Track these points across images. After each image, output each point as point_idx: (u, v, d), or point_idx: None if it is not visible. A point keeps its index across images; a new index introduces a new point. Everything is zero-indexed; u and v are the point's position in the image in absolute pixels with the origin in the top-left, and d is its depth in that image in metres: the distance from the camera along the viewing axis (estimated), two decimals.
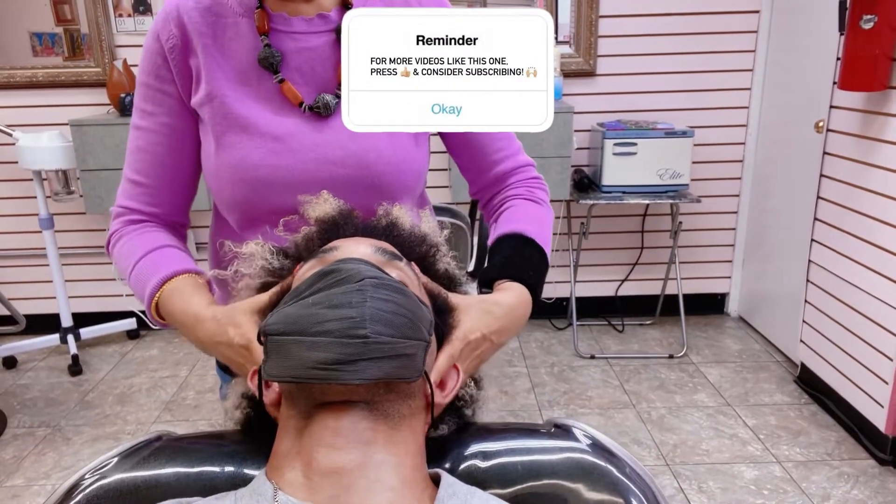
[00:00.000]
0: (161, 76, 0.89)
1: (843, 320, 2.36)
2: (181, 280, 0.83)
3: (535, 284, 0.86)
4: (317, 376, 0.57)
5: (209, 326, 0.76)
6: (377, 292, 0.60)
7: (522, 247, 0.90)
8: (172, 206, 0.95)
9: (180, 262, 0.86)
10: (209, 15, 0.89)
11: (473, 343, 0.74)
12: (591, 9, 2.88)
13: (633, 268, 3.26)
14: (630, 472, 0.71)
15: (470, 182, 1.04)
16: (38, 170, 2.74)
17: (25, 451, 2.34)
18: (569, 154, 2.71)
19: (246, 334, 0.72)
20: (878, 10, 2.04)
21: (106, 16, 2.87)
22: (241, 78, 0.89)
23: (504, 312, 0.79)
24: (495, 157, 0.99)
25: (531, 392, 2.66)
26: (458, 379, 0.71)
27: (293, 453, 0.60)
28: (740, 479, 2.11)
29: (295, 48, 0.90)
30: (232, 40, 0.89)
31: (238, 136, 0.88)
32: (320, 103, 0.89)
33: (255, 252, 0.77)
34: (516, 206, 0.97)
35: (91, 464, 0.72)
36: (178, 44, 0.88)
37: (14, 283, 3.16)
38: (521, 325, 0.82)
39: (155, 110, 0.90)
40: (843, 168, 2.36)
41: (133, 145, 0.92)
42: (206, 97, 0.88)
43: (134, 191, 0.93)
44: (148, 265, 0.86)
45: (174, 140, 0.91)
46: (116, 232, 0.93)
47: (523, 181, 1.00)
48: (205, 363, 2.95)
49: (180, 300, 0.81)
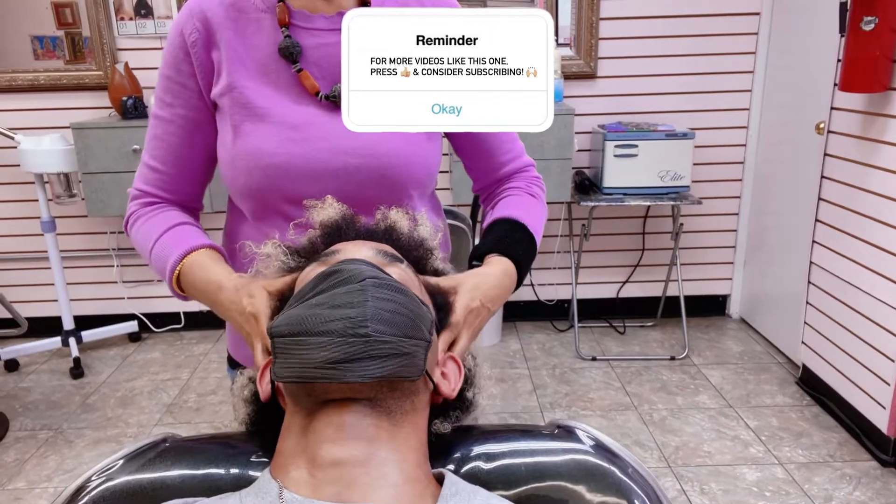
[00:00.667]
0: (181, 70, 0.92)
1: (845, 321, 2.36)
2: (202, 253, 0.88)
3: (522, 262, 0.91)
4: (321, 375, 0.58)
5: (230, 293, 0.81)
6: (378, 292, 0.61)
7: (513, 230, 0.94)
8: (186, 192, 0.99)
9: (199, 237, 0.91)
10: (232, 10, 0.92)
11: (475, 311, 0.78)
12: (592, 11, 2.88)
13: (634, 269, 3.26)
14: (633, 473, 0.72)
15: (475, 180, 1.08)
16: (40, 173, 2.75)
17: (27, 454, 2.35)
18: (570, 156, 2.72)
19: (256, 305, 0.75)
20: (878, 11, 2.04)
21: (107, 19, 2.88)
22: (261, 69, 0.92)
23: (495, 282, 0.84)
24: (503, 159, 1.03)
25: (533, 394, 2.66)
26: (460, 372, 0.72)
27: (297, 451, 0.61)
28: (742, 480, 2.11)
29: (314, 44, 0.92)
30: (254, 34, 0.92)
31: (255, 125, 0.90)
32: (336, 92, 0.91)
33: (272, 253, 0.79)
34: (513, 195, 1.02)
35: (97, 466, 0.73)
36: (200, 38, 0.91)
37: (16, 286, 3.17)
38: (509, 294, 0.88)
39: (173, 102, 0.94)
40: (843, 169, 2.35)
41: (151, 133, 0.96)
42: (226, 87, 0.91)
43: (150, 176, 0.97)
44: (168, 241, 0.90)
45: (189, 132, 0.95)
46: (134, 213, 0.97)
47: (523, 177, 1.05)
48: (206, 366, 2.95)
49: (202, 270, 0.86)
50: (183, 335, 3.26)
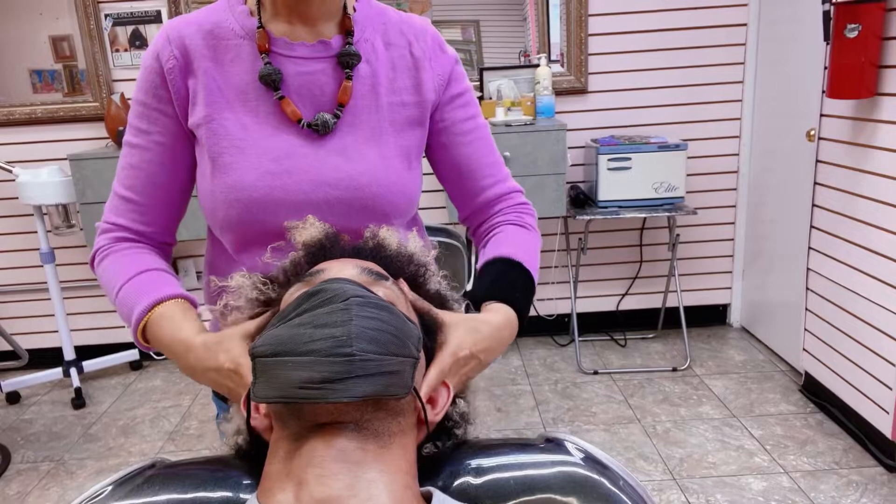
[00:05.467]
0: (158, 95, 0.90)
1: (845, 327, 2.35)
2: (170, 305, 0.83)
3: (521, 307, 0.87)
4: (305, 396, 0.57)
5: (199, 353, 0.76)
6: (362, 310, 0.60)
7: (509, 270, 0.91)
8: (161, 224, 0.95)
9: (169, 286, 0.86)
10: (210, 38, 0.90)
11: (462, 360, 0.75)
12: (581, 28, 2.91)
13: (633, 282, 3.26)
14: (623, 485, 0.71)
15: (459, 208, 1.05)
16: (39, 205, 2.76)
17: (30, 486, 2.33)
18: (563, 171, 2.72)
19: (235, 358, 0.72)
20: (861, 18, 2.05)
21: (103, 51, 2.91)
22: (240, 98, 0.89)
23: (491, 332, 0.80)
24: (483, 183, 1.00)
25: (535, 410, 2.65)
26: (448, 395, 0.71)
27: (283, 475, 0.60)
28: (748, 491, 2.09)
29: (295, 71, 0.90)
30: (233, 62, 0.90)
31: (234, 157, 0.88)
32: (319, 121, 0.89)
33: (243, 284, 0.77)
34: (504, 231, 0.98)
35: (85, 493, 0.71)
36: (177, 65, 0.89)
37: (16, 319, 3.17)
38: (506, 346, 0.83)
39: (150, 128, 0.91)
40: (836, 175, 2.36)
41: (125, 162, 0.92)
42: (203, 118, 0.89)
43: (123, 207, 0.93)
44: (136, 287, 0.85)
45: (167, 159, 0.92)
46: (103, 248, 0.92)
47: (511, 207, 1.01)
48: (207, 392, 2.94)
49: (170, 326, 0.81)
50: None
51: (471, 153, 0.99)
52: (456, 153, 0.99)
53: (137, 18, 2.90)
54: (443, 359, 0.72)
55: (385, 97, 0.93)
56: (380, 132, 0.93)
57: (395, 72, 0.95)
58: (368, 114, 0.92)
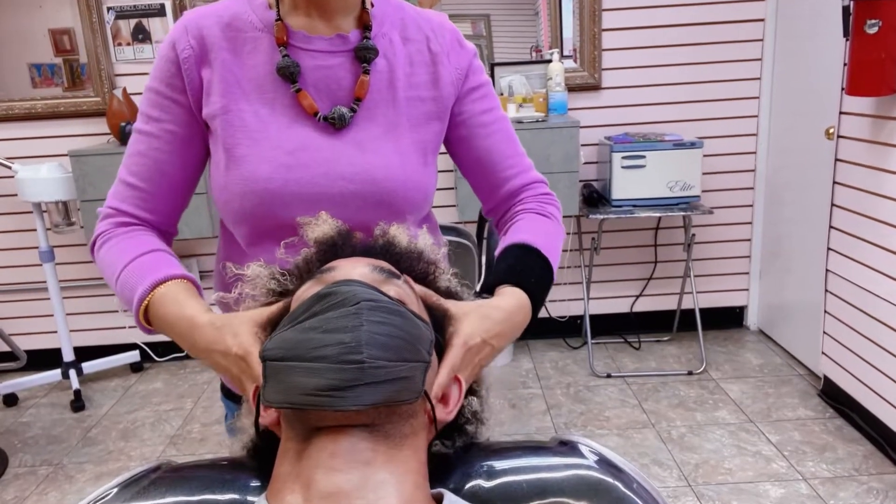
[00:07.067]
0: (172, 84, 0.90)
1: (864, 330, 2.30)
2: (174, 284, 0.81)
3: (536, 292, 0.86)
4: (313, 403, 0.57)
5: (206, 332, 0.74)
6: (373, 315, 0.60)
7: (526, 255, 0.90)
8: (165, 213, 0.94)
9: (172, 267, 0.84)
10: (229, 30, 0.90)
11: (474, 349, 0.74)
12: (594, 23, 2.87)
13: (647, 283, 3.21)
14: (637, 488, 0.70)
15: (483, 201, 1.05)
16: (38, 202, 2.71)
17: (27, 490, 2.29)
18: (576, 169, 2.68)
19: (244, 344, 0.70)
20: (882, 14, 2.02)
21: (105, 45, 2.86)
22: (257, 89, 0.90)
23: (503, 317, 0.79)
24: (505, 175, 1.00)
25: (547, 414, 2.60)
26: (460, 392, 0.70)
27: (292, 476, 0.60)
28: (766, 498, 2.04)
29: (313, 65, 0.91)
30: (251, 54, 0.90)
31: (249, 149, 0.88)
32: (335, 114, 0.90)
33: (259, 273, 0.76)
34: (525, 218, 0.98)
35: (91, 495, 0.71)
36: (193, 55, 0.89)
37: (14, 319, 3.13)
38: (520, 331, 0.82)
39: (161, 117, 0.91)
40: (856, 174, 2.32)
41: (133, 149, 0.92)
42: (219, 109, 0.89)
43: (128, 193, 0.92)
44: (138, 268, 0.84)
45: (176, 148, 0.91)
46: (105, 233, 0.91)
47: (534, 196, 1.01)
48: (210, 395, 2.89)
49: (174, 304, 0.79)
50: (186, 364, 3.20)
51: (491, 145, 0.99)
52: (476, 146, 1.00)
53: (141, 12, 2.84)
54: (454, 353, 0.71)
55: (402, 92, 0.94)
56: (396, 127, 0.93)
57: (413, 67, 0.95)
58: (385, 108, 0.93)
